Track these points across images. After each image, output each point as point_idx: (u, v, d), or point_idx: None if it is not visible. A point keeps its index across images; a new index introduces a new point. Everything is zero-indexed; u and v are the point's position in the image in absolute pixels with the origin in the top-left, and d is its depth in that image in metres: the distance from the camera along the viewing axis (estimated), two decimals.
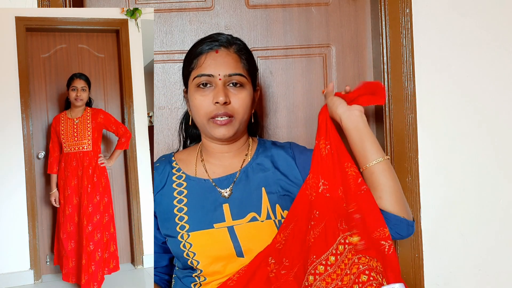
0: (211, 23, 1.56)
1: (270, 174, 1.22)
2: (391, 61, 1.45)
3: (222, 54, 1.17)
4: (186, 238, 1.15)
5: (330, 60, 1.57)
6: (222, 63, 1.16)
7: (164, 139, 1.56)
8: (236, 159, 1.24)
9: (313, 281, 1.03)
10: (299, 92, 1.57)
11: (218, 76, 1.15)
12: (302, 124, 1.57)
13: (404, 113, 1.46)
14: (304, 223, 1.11)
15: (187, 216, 1.18)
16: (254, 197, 1.18)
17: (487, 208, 1.48)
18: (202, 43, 1.19)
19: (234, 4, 1.56)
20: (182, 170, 1.24)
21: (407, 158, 1.46)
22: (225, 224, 1.16)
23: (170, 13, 1.56)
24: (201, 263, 1.14)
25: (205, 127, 1.17)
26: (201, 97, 1.15)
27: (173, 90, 1.56)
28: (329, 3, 1.57)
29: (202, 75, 1.16)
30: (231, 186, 1.20)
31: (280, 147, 1.27)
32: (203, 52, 1.18)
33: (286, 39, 1.56)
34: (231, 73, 1.16)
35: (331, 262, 1.04)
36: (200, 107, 1.16)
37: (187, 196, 1.20)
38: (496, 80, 1.47)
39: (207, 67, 1.16)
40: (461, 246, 1.48)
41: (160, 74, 1.56)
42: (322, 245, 1.06)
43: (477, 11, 1.46)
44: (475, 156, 1.48)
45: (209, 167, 1.23)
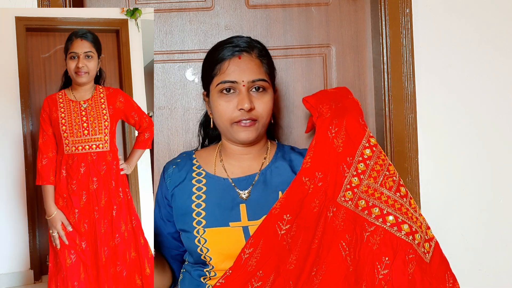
0: (211, 23, 1.56)
1: (287, 178, 1.23)
2: (391, 61, 1.45)
3: (245, 60, 1.19)
4: (201, 233, 1.18)
5: (330, 60, 1.57)
6: (245, 69, 1.18)
7: (164, 139, 1.56)
8: (255, 161, 1.27)
9: (359, 183, 1.13)
10: (299, 92, 1.57)
11: (242, 82, 1.17)
12: (302, 124, 1.57)
13: (404, 113, 1.46)
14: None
15: (205, 212, 1.20)
16: (271, 200, 1.20)
17: (487, 208, 1.48)
18: (223, 48, 1.20)
19: (234, 4, 1.56)
20: (202, 167, 1.26)
21: (407, 158, 1.46)
22: (241, 224, 1.18)
23: (170, 13, 1.56)
24: (213, 259, 1.17)
25: (228, 131, 1.20)
26: (225, 103, 1.18)
27: (173, 90, 1.56)
28: (329, 3, 1.57)
29: (225, 81, 1.17)
30: (249, 188, 1.23)
31: (299, 153, 1.30)
32: (225, 58, 1.19)
33: (286, 39, 1.56)
34: (255, 79, 1.18)
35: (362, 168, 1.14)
36: (224, 113, 1.18)
37: (206, 193, 1.23)
38: (496, 80, 1.47)
39: (231, 73, 1.17)
40: (461, 246, 1.48)
41: (160, 74, 1.56)
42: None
43: (477, 11, 1.46)
44: (475, 156, 1.48)
45: (228, 168, 1.26)
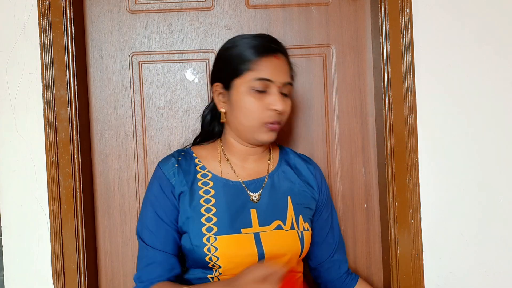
0: (211, 23, 1.56)
1: (295, 183, 1.21)
2: (391, 61, 1.45)
3: (280, 60, 1.16)
4: (212, 241, 1.11)
5: (330, 60, 1.57)
6: (280, 70, 1.14)
7: (164, 139, 1.56)
8: (260, 162, 1.23)
9: None
10: (299, 92, 1.57)
11: (277, 83, 1.13)
12: (302, 124, 1.57)
13: (404, 113, 1.46)
14: None
15: (216, 217, 1.13)
16: (280, 205, 1.17)
17: (487, 208, 1.48)
18: (257, 44, 1.15)
19: (234, 4, 1.56)
20: (207, 168, 1.20)
21: (407, 158, 1.46)
22: (252, 230, 1.13)
23: (170, 13, 1.56)
24: (222, 267, 1.11)
25: (253, 130, 1.15)
26: (257, 100, 1.13)
27: (173, 90, 1.56)
28: (329, 3, 1.57)
29: (262, 79, 1.12)
30: (260, 190, 1.18)
31: (301, 158, 1.28)
32: (262, 54, 1.14)
33: (286, 39, 1.56)
34: (287, 82, 1.16)
35: None
36: (254, 111, 1.13)
37: (215, 196, 1.16)
38: (496, 80, 1.47)
39: (268, 72, 1.13)
40: (461, 246, 1.48)
41: (160, 74, 1.56)
42: None
43: (477, 11, 1.46)
44: (475, 156, 1.48)
45: (235, 169, 1.21)
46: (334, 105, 1.57)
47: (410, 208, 1.46)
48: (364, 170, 1.58)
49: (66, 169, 1.42)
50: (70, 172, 1.42)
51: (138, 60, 1.56)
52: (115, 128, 1.56)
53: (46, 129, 1.42)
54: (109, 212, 1.56)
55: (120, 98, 1.56)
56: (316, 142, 1.57)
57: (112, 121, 1.56)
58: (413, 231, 1.46)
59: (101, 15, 1.55)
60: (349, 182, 1.58)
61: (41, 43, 1.41)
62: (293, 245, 1.15)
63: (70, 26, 1.43)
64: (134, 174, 1.56)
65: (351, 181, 1.58)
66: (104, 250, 1.56)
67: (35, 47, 1.42)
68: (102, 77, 1.55)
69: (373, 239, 1.59)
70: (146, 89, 1.56)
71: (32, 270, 1.44)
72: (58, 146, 1.42)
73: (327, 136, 1.57)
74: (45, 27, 1.42)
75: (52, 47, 1.42)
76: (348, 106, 1.57)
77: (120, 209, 1.56)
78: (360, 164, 1.58)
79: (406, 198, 1.46)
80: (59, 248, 1.43)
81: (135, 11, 1.55)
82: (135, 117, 1.56)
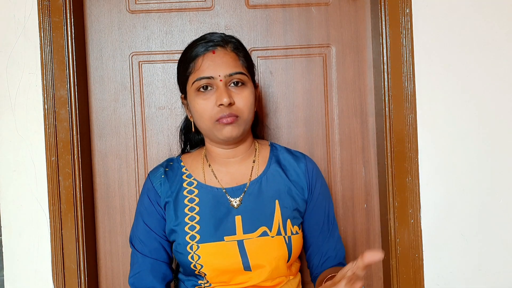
0: (211, 23, 1.56)
1: (282, 186, 1.18)
2: (391, 61, 1.45)
3: (219, 54, 1.13)
4: (195, 249, 1.11)
5: (330, 60, 1.57)
6: (220, 63, 1.11)
7: (164, 139, 1.56)
8: (243, 165, 1.20)
9: None
10: (299, 92, 1.57)
11: (218, 77, 1.10)
12: (302, 124, 1.57)
13: (404, 113, 1.46)
14: None
15: (199, 225, 1.13)
16: (267, 210, 1.15)
17: (487, 208, 1.48)
18: (196, 45, 1.15)
19: (234, 4, 1.56)
20: (193, 176, 1.20)
21: (407, 158, 1.46)
22: (236, 238, 1.12)
23: (170, 13, 1.56)
24: (208, 275, 1.11)
25: (211, 130, 1.12)
26: (203, 101, 1.11)
27: (173, 90, 1.56)
28: (329, 3, 1.57)
29: (201, 78, 1.11)
30: (241, 195, 1.16)
31: (292, 155, 1.24)
32: (199, 54, 1.13)
33: (286, 39, 1.56)
34: (232, 73, 1.11)
35: None
36: (204, 112, 1.11)
37: (199, 204, 1.16)
38: (496, 80, 1.47)
39: (206, 69, 1.11)
40: (461, 246, 1.48)
41: (160, 74, 1.56)
42: None
43: (477, 11, 1.46)
44: (475, 156, 1.48)
45: (218, 175, 1.19)
46: (334, 105, 1.57)
47: (410, 208, 1.46)
48: (364, 170, 1.58)
49: (66, 169, 1.42)
50: (70, 172, 1.43)
51: (138, 60, 1.56)
52: (115, 128, 1.56)
53: (46, 129, 1.42)
54: (109, 212, 1.56)
55: (120, 98, 1.56)
56: (316, 142, 1.57)
57: (112, 121, 1.56)
58: (413, 231, 1.46)
59: (101, 15, 1.55)
60: (349, 182, 1.58)
61: (41, 43, 1.42)
62: (278, 252, 1.12)
63: (70, 26, 1.43)
64: (134, 174, 1.56)
65: (351, 181, 1.58)
66: (104, 250, 1.57)
67: (35, 47, 1.42)
68: (102, 77, 1.55)
69: (373, 239, 1.59)
70: (146, 89, 1.56)
71: (32, 270, 1.44)
72: (58, 146, 1.43)
73: (327, 136, 1.58)
74: (45, 27, 1.42)
75: (52, 47, 1.42)
76: (348, 106, 1.57)
77: (120, 209, 1.56)
78: (360, 164, 1.58)
79: (406, 198, 1.46)
80: (59, 248, 1.43)
81: (135, 11, 1.55)
82: (135, 117, 1.56)
